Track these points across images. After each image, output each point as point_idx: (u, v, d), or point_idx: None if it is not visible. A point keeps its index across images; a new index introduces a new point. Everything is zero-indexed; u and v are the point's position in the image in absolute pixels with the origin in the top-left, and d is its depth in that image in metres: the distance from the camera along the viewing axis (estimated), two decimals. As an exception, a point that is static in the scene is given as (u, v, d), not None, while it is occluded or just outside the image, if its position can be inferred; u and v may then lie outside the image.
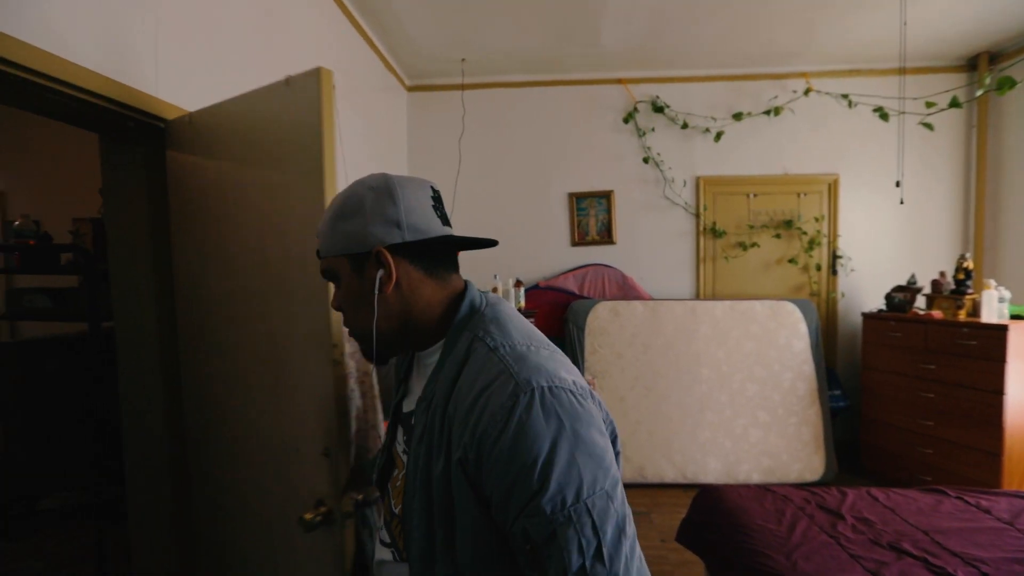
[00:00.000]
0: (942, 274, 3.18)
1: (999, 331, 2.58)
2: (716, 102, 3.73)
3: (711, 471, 3.20)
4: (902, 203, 3.31)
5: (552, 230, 3.86)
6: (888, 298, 3.33)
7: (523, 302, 3.23)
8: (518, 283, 3.25)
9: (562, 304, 3.59)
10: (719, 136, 3.69)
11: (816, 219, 3.70)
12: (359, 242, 0.68)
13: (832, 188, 3.72)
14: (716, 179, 3.77)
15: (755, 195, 3.76)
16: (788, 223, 3.71)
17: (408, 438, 0.74)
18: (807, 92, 3.63)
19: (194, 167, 1.44)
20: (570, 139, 3.82)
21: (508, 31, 3.10)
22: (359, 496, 1.16)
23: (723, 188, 3.79)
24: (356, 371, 1.33)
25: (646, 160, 3.77)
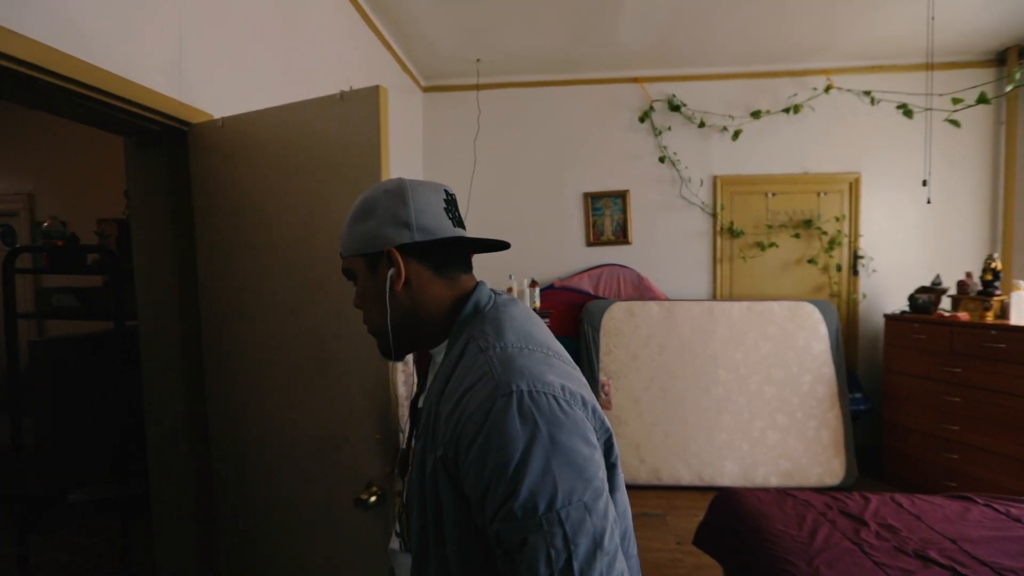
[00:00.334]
0: (968, 275, 3.09)
1: (1029, 334, 2.50)
2: (734, 100, 3.68)
3: (728, 474, 3.16)
4: (929, 202, 3.21)
5: (567, 230, 3.85)
6: (912, 299, 3.25)
7: (538, 302, 3.22)
8: (533, 283, 3.24)
9: (577, 304, 3.58)
10: (737, 135, 3.64)
11: (837, 219, 3.63)
12: (373, 242, 0.71)
13: (853, 187, 3.65)
14: (733, 178, 3.72)
15: (774, 194, 3.70)
16: (808, 223, 3.64)
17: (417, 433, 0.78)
18: (828, 89, 3.57)
19: (223, 170, 1.47)
20: (585, 139, 3.80)
21: (524, 31, 3.10)
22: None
23: (741, 187, 3.73)
24: (408, 361, 1.46)
25: (662, 159, 3.73)
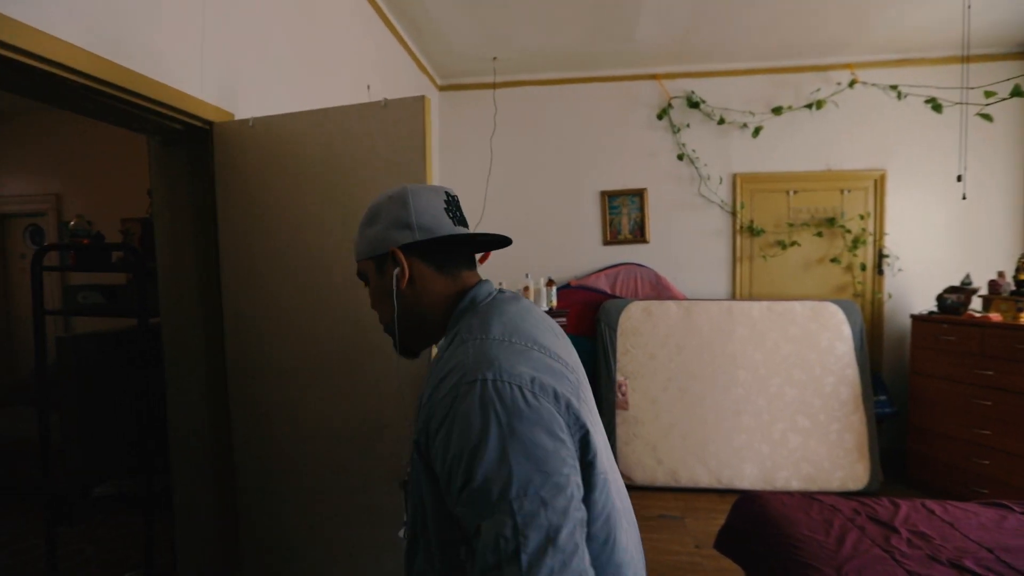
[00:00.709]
0: (1000, 274, 2.99)
1: (1067, 336, 2.41)
2: (754, 96, 3.61)
3: (747, 477, 3.10)
4: (965, 198, 3.09)
5: (584, 229, 3.82)
6: (940, 299, 3.16)
7: (555, 301, 3.20)
8: (550, 282, 3.22)
9: (594, 304, 3.54)
10: (757, 131, 3.57)
11: (861, 216, 3.54)
12: (379, 245, 0.76)
13: (878, 184, 3.55)
14: (754, 176, 3.65)
15: (795, 192, 3.63)
16: (831, 221, 3.56)
17: None
18: (852, 84, 3.48)
19: (252, 170, 1.49)
20: (602, 137, 3.76)
21: (541, 28, 3.08)
22: None
23: (761, 185, 3.66)
24: None
25: (680, 157, 3.68)
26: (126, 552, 2.45)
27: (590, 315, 3.54)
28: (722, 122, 3.62)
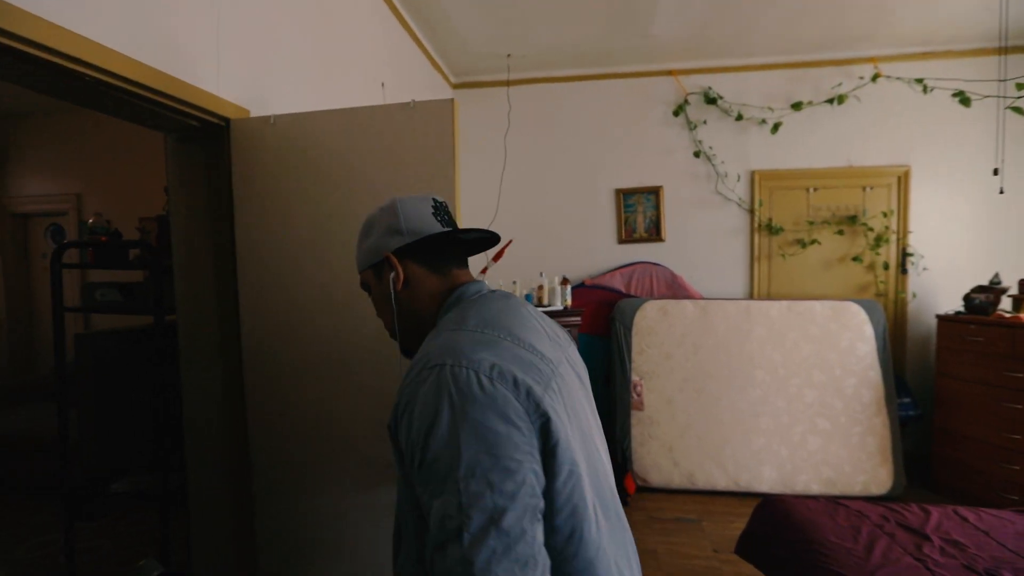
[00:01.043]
0: (1032, 273, 2.89)
1: (1104, 337, 2.32)
2: (773, 92, 3.53)
3: (766, 480, 3.04)
4: (1002, 192, 2.98)
5: (598, 227, 3.77)
6: (967, 299, 3.06)
7: (569, 300, 3.16)
8: (564, 281, 3.19)
9: (608, 303, 3.50)
10: (776, 127, 3.50)
11: (884, 214, 3.45)
12: (376, 253, 0.81)
13: (902, 181, 3.46)
14: (772, 173, 3.58)
15: (815, 189, 3.55)
16: (852, 218, 3.48)
17: None
18: (875, 78, 3.39)
19: (272, 167, 1.48)
20: (617, 134, 3.72)
21: (555, 24, 3.04)
22: None
23: (780, 182, 3.59)
24: None
25: (697, 154, 3.62)
26: (143, 548, 2.47)
27: (605, 314, 3.50)
28: (740, 118, 3.55)
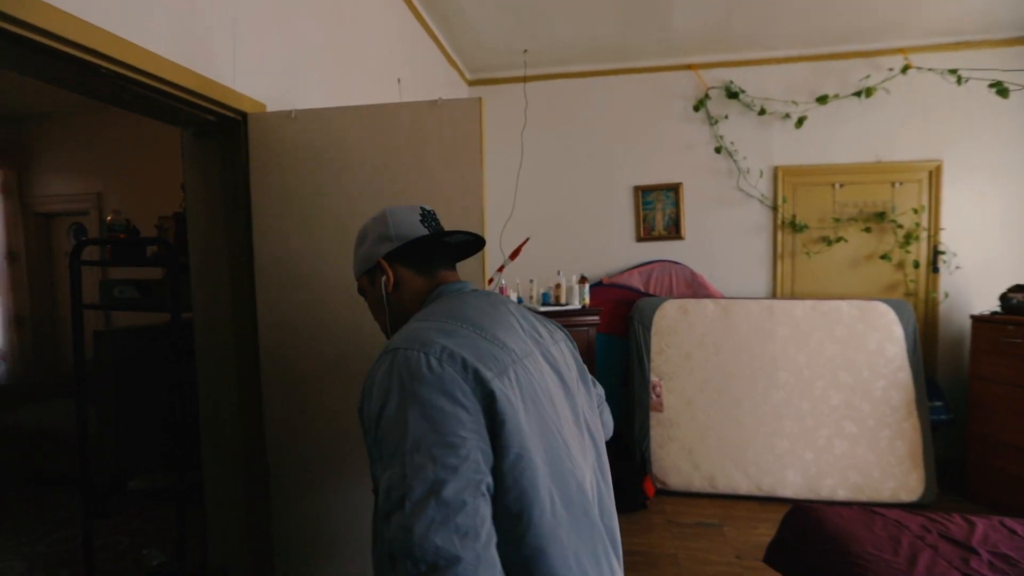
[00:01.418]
0: (1074, 272, 2.76)
1: None
2: (797, 85, 3.43)
3: (790, 484, 2.94)
4: None
5: (617, 225, 3.70)
6: (1004, 299, 2.93)
7: (587, 299, 3.11)
8: (582, 279, 3.13)
9: (627, 302, 3.44)
10: (801, 122, 3.40)
11: (914, 211, 3.32)
12: (368, 260, 0.87)
13: (934, 176, 3.33)
14: (796, 169, 3.48)
15: (841, 185, 3.44)
16: (880, 215, 3.36)
17: None
18: (905, 70, 3.27)
19: (291, 163, 1.45)
20: (636, 130, 3.64)
21: (573, 19, 2.98)
22: None
23: (804, 178, 3.49)
24: None
25: (718, 150, 3.53)
26: (160, 545, 2.47)
27: (623, 313, 3.43)
28: (763, 113, 3.46)
